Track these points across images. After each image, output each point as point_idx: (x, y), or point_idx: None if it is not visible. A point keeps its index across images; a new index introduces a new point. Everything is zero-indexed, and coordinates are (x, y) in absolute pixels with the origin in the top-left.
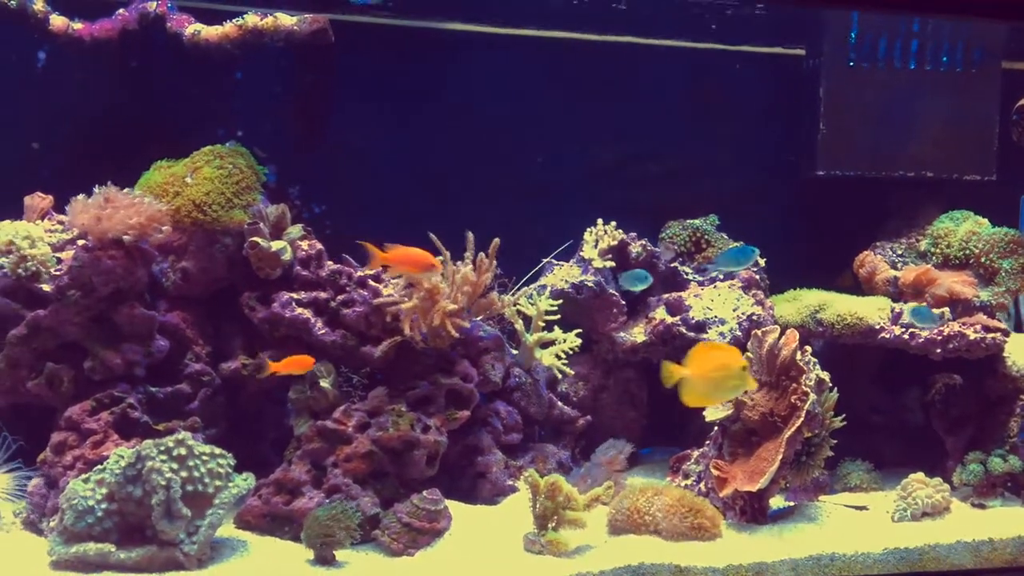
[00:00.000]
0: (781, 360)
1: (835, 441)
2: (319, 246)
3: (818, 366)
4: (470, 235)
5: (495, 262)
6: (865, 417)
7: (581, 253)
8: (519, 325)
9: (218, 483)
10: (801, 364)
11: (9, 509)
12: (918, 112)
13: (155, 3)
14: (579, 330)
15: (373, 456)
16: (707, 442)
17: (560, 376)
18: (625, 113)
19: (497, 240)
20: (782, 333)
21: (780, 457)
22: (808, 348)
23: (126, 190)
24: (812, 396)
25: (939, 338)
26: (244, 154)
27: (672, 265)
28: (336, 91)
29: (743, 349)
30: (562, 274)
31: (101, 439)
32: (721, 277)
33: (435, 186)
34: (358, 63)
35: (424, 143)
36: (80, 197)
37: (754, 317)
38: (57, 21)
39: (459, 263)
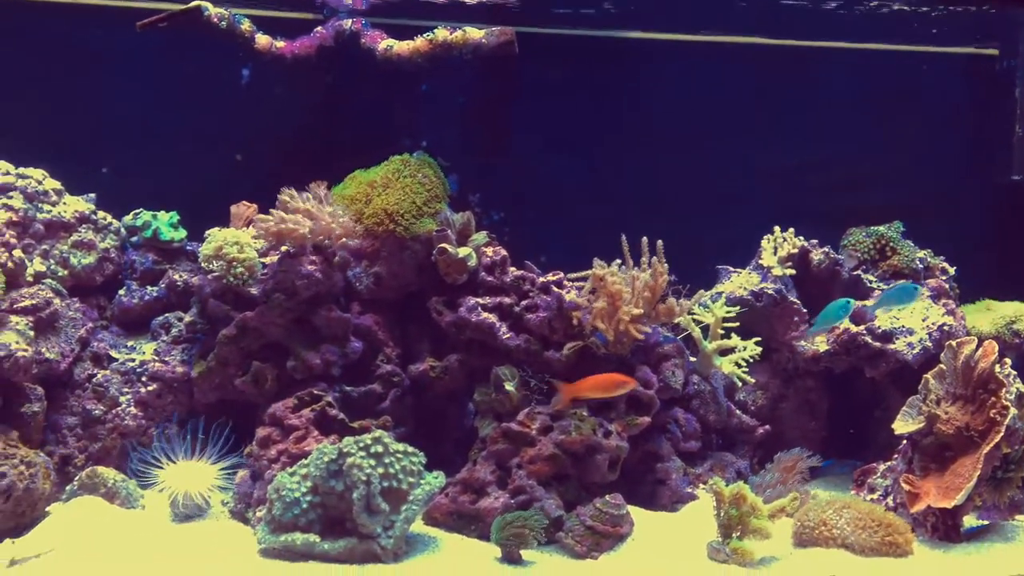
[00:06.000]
0: (979, 372)
1: None
2: (503, 252)
3: (1019, 379)
4: (644, 241)
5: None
6: None
7: (760, 260)
8: (696, 332)
9: (411, 480)
10: (1000, 377)
11: (218, 499)
12: None
13: (350, 21)
14: (758, 338)
15: (556, 459)
16: (895, 456)
17: (739, 384)
18: (805, 117)
19: (660, 242)
20: (978, 345)
21: (978, 473)
22: (1007, 360)
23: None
24: (1013, 410)
25: None
26: (431, 164)
27: (855, 273)
28: (518, 101)
29: (935, 360)
30: (740, 281)
31: (303, 435)
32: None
33: (611, 193)
34: (540, 74)
35: (600, 151)
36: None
37: (945, 328)
38: (262, 40)
39: (636, 269)
